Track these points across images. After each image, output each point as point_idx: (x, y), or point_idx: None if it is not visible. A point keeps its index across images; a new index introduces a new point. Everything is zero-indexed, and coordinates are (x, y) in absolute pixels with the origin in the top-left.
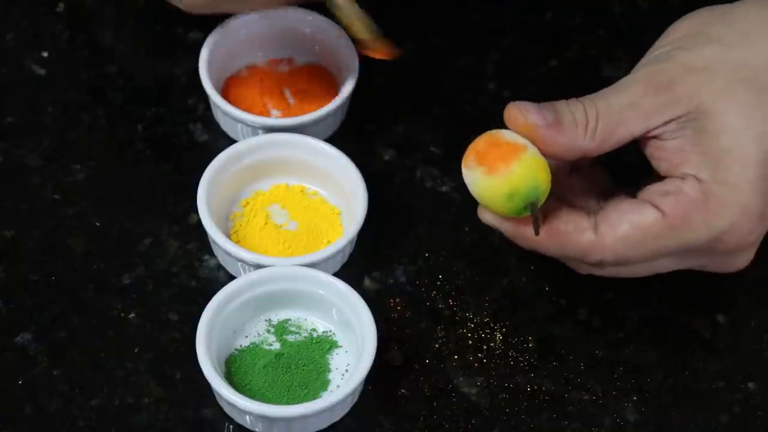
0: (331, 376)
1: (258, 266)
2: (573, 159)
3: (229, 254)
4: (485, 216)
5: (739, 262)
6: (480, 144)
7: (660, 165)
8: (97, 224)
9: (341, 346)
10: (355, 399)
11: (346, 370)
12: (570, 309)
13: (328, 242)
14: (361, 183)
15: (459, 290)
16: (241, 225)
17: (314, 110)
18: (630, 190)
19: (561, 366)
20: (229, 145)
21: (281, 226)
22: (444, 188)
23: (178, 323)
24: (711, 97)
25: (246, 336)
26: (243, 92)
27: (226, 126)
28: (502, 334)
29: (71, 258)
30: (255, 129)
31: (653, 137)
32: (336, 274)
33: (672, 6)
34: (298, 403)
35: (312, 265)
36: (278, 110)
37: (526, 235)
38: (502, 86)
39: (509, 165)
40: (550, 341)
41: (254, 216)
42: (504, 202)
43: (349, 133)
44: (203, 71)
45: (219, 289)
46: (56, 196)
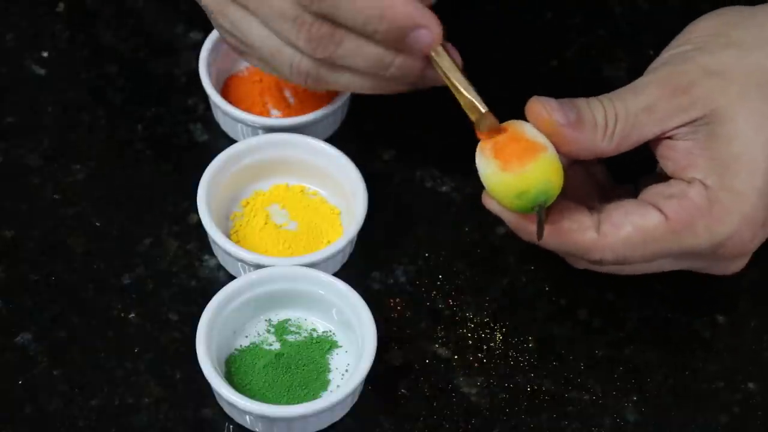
0: (331, 376)
1: (258, 266)
2: (587, 158)
3: (229, 254)
4: (490, 204)
5: (735, 266)
6: (499, 137)
7: (667, 165)
8: (97, 224)
9: (341, 346)
10: (355, 399)
11: (346, 370)
12: (570, 309)
13: (328, 242)
14: (361, 183)
15: (459, 290)
16: (241, 225)
17: (314, 110)
18: (627, 187)
19: (561, 366)
20: (229, 145)
21: (281, 226)
22: (444, 188)
23: (178, 323)
24: (726, 102)
25: (246, 336)
26: (243, 92)
27: (226, 126)
28: (502, 334)
29: (71, 258)
30: (255, 129)
31: (665, 137)
32: (336, 274)
33: (672, 6)
34: (298, 403)
35: (312, 265)
36: (278, 110)
37: (528, 230)
38: (502, 86)
39: (524, 165)
40: (550, 341)
41: (254, 216)
42: (512, 200)
43: (349, 133)
44: (203, 71)
45: (219, 289)
46: (56, 196)
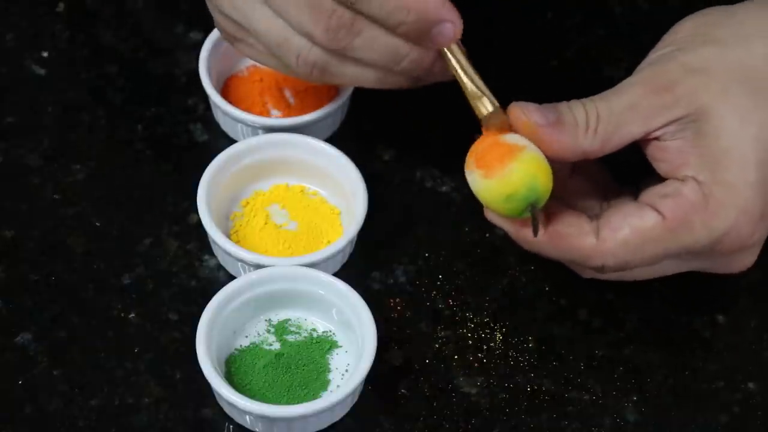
0: (331, 376)
1: (258, 266)
2: (574, 160)
3: (229, 254)
4: (491, 216)
5: (742, 263)
6: (480, 146)
7: (660, 166)
8: (97, 224)
9: (341, 346)
10: (355, 399)
11: (346, 370)
12: (570, 309)
13: (328, 242)
14: (361, 183)
15: (459, 290)
16: (241, 225)
17: (314, 110)
18: (631, 191)
19: (561, 366)
20: (229, 145)
21: (281, 226)
22: (444, 188)
23: (178, 323)
24: (710, 99)
25: (246, 336)
26: (243, 92)
27: (226, 126)
28: (502, 334)
29: (71, 258)
30: (255, 129)
31: (654, 138)
32: (336, 274)
33: (672, 6)
34: (298, 403)
35: (312, 265)
36: (278, 110)
37: (528, 238)
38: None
39: (506, 166)
40: (550, 341)
41: (254, 216)
42: (503, 204)
43: (349, 133)
44: (203, 71)
45: (219, 289)
46: (56, 196)
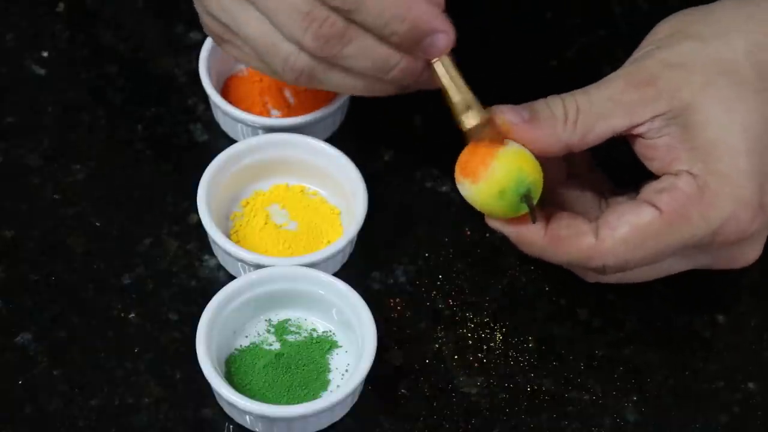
0: (331, 376)
1: (258, 266)
2: (558, 153)
3: (229, 254)
4: (492, 222)
5: (746, 258)
6: (462, 157)
7: (653, 164)
8: (97, 224)
9: (341, 346)
10: (355, 399)
11: (346, 370)
12: (570, 309)
13: (328, 242)
14: (361, 183)
15: (459, 290)
16: (241, 225)
17: (314, 110)
18: (632, 193)
19: (561, 366)
20: (229, 145)
21: (281, 226)
22: (444, 188)
23: (178, 323)
24: (692, 93)
25: (246, 336)
26: (243, 92)
27: (226, 126)
28: (502, 334)
29: (71, 258)
30: (255, 129)
31: (641, 136)
32: (336, 274)
33: (672, 6)
34: (298, 403)
35: (312, 265)
36: (278, 110)
37: (530, 240)
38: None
39: (488, 166)
40: (550, 341)
41: (254, 216)
42: (497, 202)
43: (349, 133)
44: (203, 71)
45: (219, 289)
46: (56, 196)
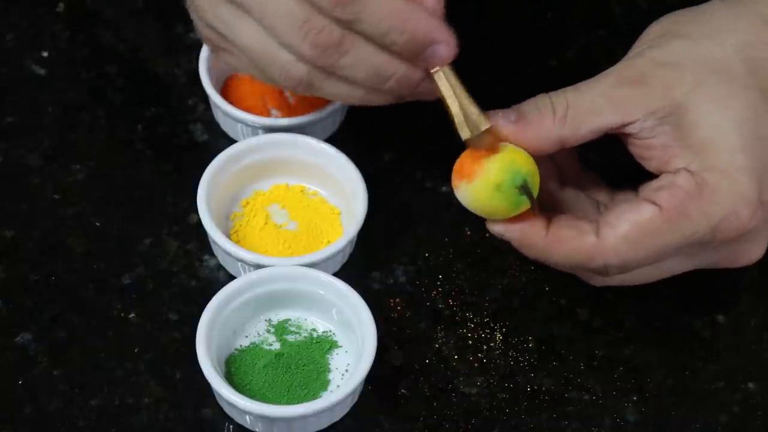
0: (331, 376)
1: (258, 266)
2: (552, 149)
3: (229, 254)
4: (493, 227)
5: (749, 256)
6: (456, 164)
7: (650, 164)
8: (97, 224)
9: (341, 346)
10: (355, 399)
11: (346, 370)
12: (570, 309)
13: (328, 242)
14: (361, 183)
15: (459, 290)
16: (241, 225)
17: (314, 110)
18: (632, 193)
19: (561, 366)
20: (229, 145)
21: (281, 226)
22: (444, 188)
23: (178, 323)
24: (684, 92)
25: (246, 336)
26: (243, 92)
27: (226, 126)
28: (502, 334)
29: (71, 258)
30: (255, 129)
31: (635, 136)
32: (336, 274)
33: (671, 6)
34: (298, 403)
35: (312, 265)
36: (278, 110)
37: (532, 242)
38: (502, 86)
39: (483, 165)
40: (550, 341)
41: (254, 216)
42: (496, 197)
43: (349, 133)
44: (203, 71)
45: (219, 289)
46: (56, 196)
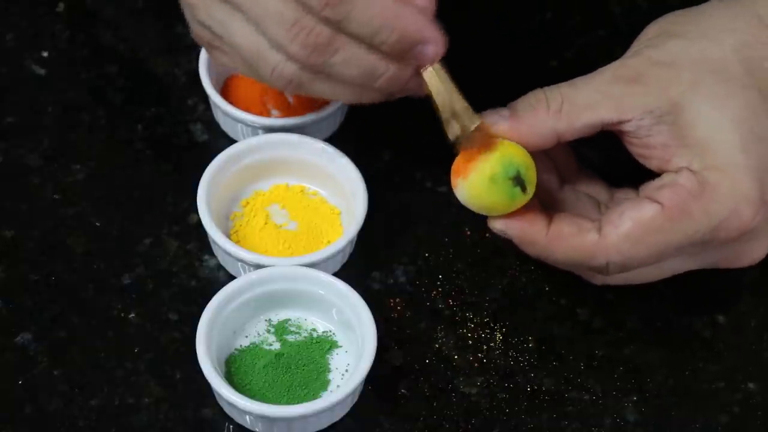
0: (331, 376)
1: (258, 266)
2: (548, 143)
3: (229, 254)
4: (494, 225)
5: (752, 255)
6: (453, 165)
7: (651, 163)
8: (97, 224)
9: (341, 346)
10: (355, 399)
11: (346, 370)
12: (570, 309)
13: (328, 242)
14: (361, 183)
15: (459, 290)
16: (241, 225)
17: (314, 110)
18: (633, 192)
19: (561, 366)
20: (229, 145)
21: (281, 226)
22: (444, 188)
23: (178, 323)
24: (681, 91)
25: (246, 336)
26: (243, 92)
27: (226, 126)
28: (502, 334)
29: (71, 258)
30: (255, 129)
31: (632, 135)
32: (336, 274)
33: (671, 6)
34: (298, 403)
35: (312, 265)
36: (278, 110)
37: (533, 239)
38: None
39: (477, 161)
40: (550, 341)
41: (254, 216)
42: (491, 190)
43: (349, 133)
44: (203, 71)
45: (219, 289)
46: (56, 196)
